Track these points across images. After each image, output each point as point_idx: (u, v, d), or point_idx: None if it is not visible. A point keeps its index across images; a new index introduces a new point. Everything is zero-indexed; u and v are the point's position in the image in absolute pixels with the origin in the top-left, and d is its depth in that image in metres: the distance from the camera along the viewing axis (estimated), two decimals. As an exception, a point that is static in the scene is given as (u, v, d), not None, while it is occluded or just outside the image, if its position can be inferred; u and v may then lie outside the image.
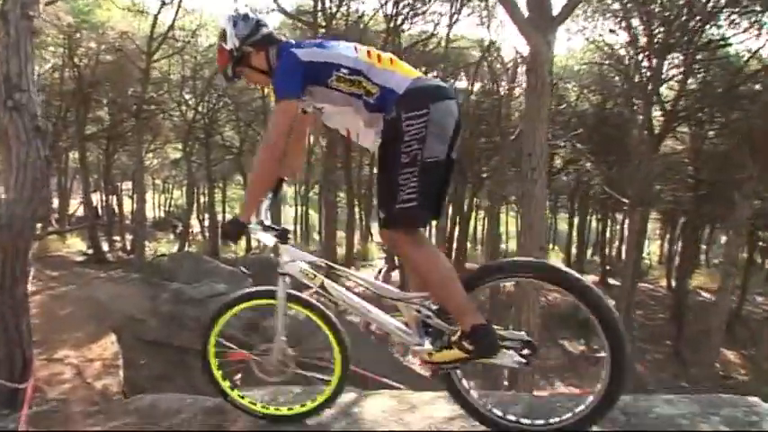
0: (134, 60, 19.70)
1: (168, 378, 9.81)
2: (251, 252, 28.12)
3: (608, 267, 28.60)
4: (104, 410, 4.60)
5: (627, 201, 13.74)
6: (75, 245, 23.97)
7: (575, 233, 33.92)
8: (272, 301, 2.90)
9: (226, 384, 3.09)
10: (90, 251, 21.75)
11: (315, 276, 2.80)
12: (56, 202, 29.48)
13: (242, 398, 3.10)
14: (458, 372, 2.69)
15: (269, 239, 2.85)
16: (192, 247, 25.98)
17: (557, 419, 2.55)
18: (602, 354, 2.44)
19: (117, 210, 29.42)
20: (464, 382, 2.69)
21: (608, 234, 33.69)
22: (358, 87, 2.61)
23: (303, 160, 4.01)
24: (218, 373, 3.10)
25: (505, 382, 10.17)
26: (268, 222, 2.91)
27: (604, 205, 27.72)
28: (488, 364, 2.64)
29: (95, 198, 30.97)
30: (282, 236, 2.84)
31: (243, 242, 32.52)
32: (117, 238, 25.80)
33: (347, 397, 3.34)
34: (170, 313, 11.44)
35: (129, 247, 24.71)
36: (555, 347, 17.67)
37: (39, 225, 23.78)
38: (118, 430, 4.08)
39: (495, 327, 2.53)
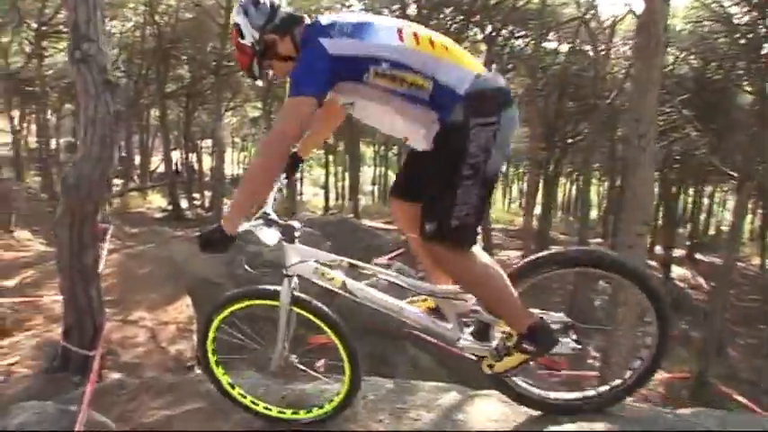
0: (213, 16, 19.39)
1: (242, 346, 9.55)
2: (331, 213, 28.00)
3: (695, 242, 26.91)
4: (174, 388, 4.28)
5: (735, 174, 12.50)
6: (156, 201, 24.31)
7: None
8: (274, 303, 2.72)
9: (226, 380, 3.02)
10: (169, 208, 21.92)
11: (333, 277, 2.63)
12: (137, 159, 30.17)
13: (244, 397, 3.04)
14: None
15: (271, 237, 2.55)
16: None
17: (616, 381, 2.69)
18: (650, 328, 2.59)
19: (196, 167, 29.65)
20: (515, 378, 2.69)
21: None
22: (402, 83, 2.34)
23: (331, 134, 3.82)
24: (218, 371, 3.00)
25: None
26: (273, 215, 2.61)
27: (698, 177, 25.82)
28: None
29: (175, 155, 31.43)
30: (288, 233, 2.61)
31: (319, 201, 32.90)
32: (196, 195, 25.95)
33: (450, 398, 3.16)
34: (246, 277, 11.20)
35: (207, 205, 24.85)
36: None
37: (120, 182, 24.76)
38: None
39: (537, 312, 2.55)
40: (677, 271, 21.14)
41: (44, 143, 22.56)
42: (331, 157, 32.21)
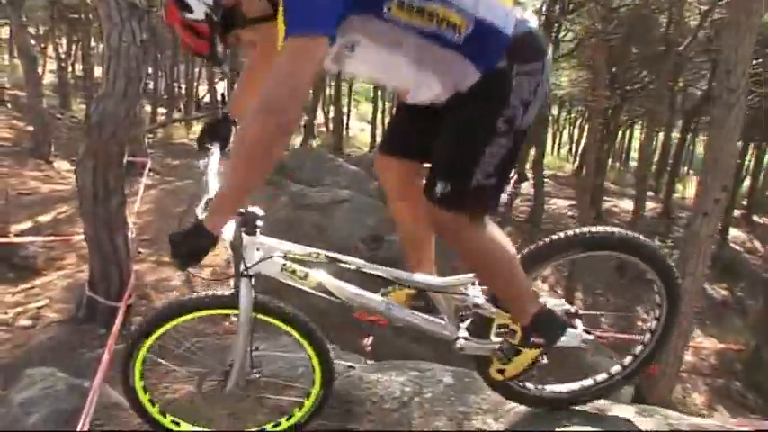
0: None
1: (281, 293, 9.20)
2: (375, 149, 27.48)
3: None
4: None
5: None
6: (200, 131, 23.94)
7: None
8: (232, 311, 2.24)
9: (155, 411, 2.45)
10: (213, 139, 21.54)
11: (306, 275, 2.16)
12: (183, 89, 29.87)
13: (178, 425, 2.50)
14: None
15: (227, 229, 1.94)
16: (317, 140, 25.42)
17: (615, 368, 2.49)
18: (658, 312, 2.37)
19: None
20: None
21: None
22: (431, 19, 1.76)
23: None
24: (145, 398, 2.41)
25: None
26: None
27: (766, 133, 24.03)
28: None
29: (222, 85, 30.98)
30: (249, 223, 2.03)
31: (366, 137, 32.36)
32: (241, 125, 25.49)
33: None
34: (288, 219, 10.80)
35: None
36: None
37: (164, 111, 24.44)
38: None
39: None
40: (732, 233, 20.03)
41: (89, 71, 22.20)
42: (379, 92, 31.32)
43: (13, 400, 3.13)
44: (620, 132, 31.00)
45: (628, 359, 2.49)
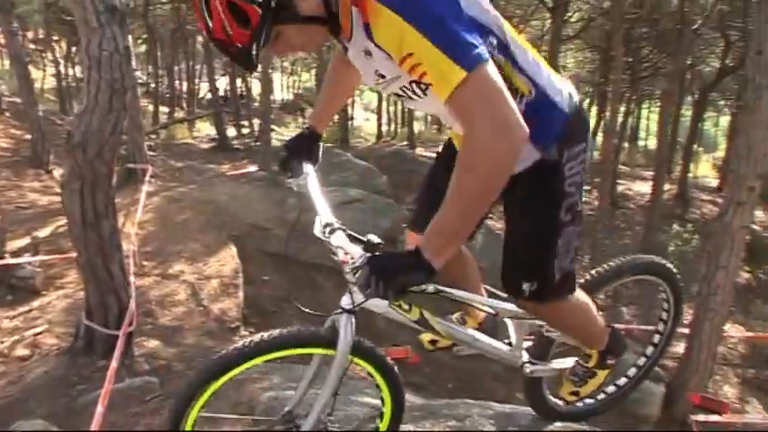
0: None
1: (294, 298, 8.88)
2: (383, 141, 27.00)
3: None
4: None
5: None
6: (204, 129, 23.56)
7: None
8: (329, 352, 1.95)
9: None
10: (217, 137, 21.13)
11: (410, 308, 2.03)
12: (184, 87, 29.50)
13: None
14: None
15: (355, 255, 1.73)
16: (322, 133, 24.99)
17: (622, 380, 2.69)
18: (663, 327, 2.69)
19: (244, 93, 28.75)
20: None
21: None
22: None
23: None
24: None
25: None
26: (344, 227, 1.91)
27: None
28: None
29: (224, 82, 30.64)
30: (372, 250, 1.71)
31: (373, 128, 31.90)
32: (245, 123, 25.08)
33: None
34: (298, 221, 10.44)
35: (257, 133, 23.97)
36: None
37: (166, 111, 24.06)
38: None
39: None
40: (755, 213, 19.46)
41: (88, 73, 21.80)
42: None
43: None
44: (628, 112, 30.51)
45: (633, 371, 2.73)
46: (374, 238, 1.71)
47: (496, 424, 2.58)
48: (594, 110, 24.72)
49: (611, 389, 2.67)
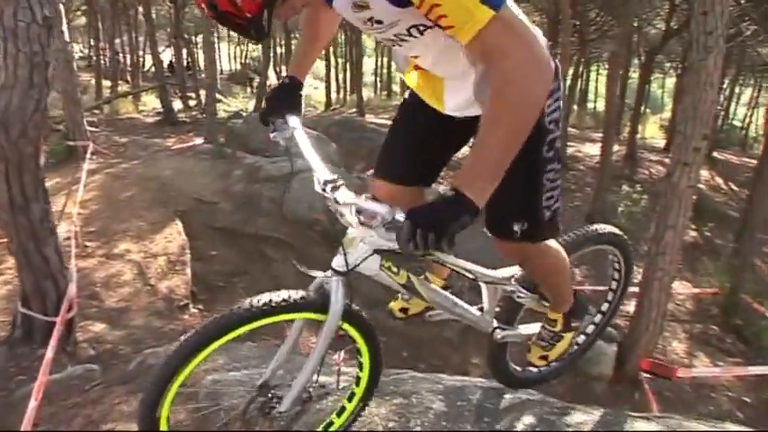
0: None
1: (243, 272, 8.73)
2: (333, 109, 26.65)
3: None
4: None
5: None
6: (150, 103, 22.84)
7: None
8: (317, 317, 1.87)
9: None
10: (162, 110, 20.53)
11: (398, 271, 2.02)
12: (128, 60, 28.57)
13: None
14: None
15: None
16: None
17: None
18: (615, 285, 2.85)
19: (190, 65, 27.99)
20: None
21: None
22: None
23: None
24: None
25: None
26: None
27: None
28: None
29: (169, 53, 29.77)
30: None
31: (322, 96, 31.54)
32: (192, 95, 24.42)
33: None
34: (244, 194, 10.24)
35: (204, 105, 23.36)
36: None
37: (109, 85, 23.28)
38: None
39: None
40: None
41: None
42: (331, 49, 30.43)
43: None
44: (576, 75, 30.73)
45: (598, 317, 2.88)
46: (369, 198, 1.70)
47: (445, 399, 2.52)
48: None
49: (581, 338, 2.81)
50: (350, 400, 2.25)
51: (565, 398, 7.23)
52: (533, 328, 2.54)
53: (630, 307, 8.85)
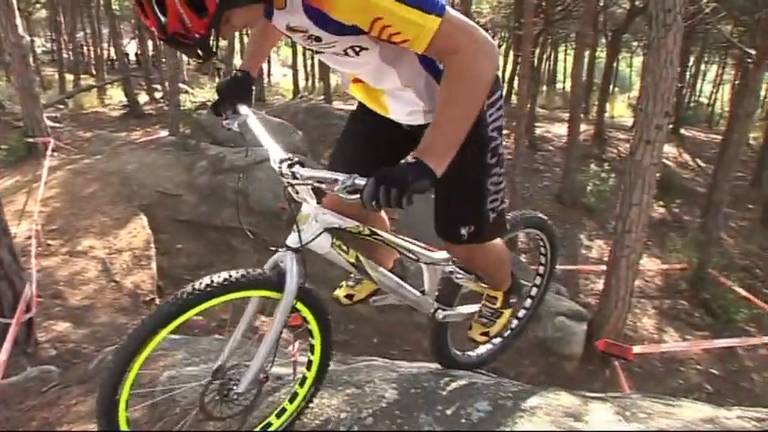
0: None
1: (209, 264, 8.64)
2: (300, 97, 26.38)
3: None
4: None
5: (753, 52, 11.19)
6: (116, 96, 22.45)
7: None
8: (275, 295, 1.89)
9: None
10: (127, 103, 20.20)
11: (348, 250, 2.13)
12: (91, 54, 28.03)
13: None
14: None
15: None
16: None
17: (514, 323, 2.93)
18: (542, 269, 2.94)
19: (156, 56, 27.54)
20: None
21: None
22: None
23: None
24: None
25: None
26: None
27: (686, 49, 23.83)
28: None
29: (133, 46, 29.29)
30: (317, 190, 1.88)
31: (290, 84, 31.29)
32: (157, 87, 24.04)
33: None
34: (209, 185, 10.12)
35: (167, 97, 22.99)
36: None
37: (72, 79, 22.83)
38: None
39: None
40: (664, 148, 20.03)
41: None
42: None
43: None
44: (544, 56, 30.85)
45: (522, 312, 2.97)
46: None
47: (398, 387, 2.49)
48: (512, 55, 24.86)
49: (497, 340, 2.90)
50: (301, 385, 2.23)
51: (537, 378, 7.36)
52: (472, 308, 2.66)
53: (600, 285, 8.96)
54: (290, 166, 1.88)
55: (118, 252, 7.68)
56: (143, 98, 21.63)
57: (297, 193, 1.92)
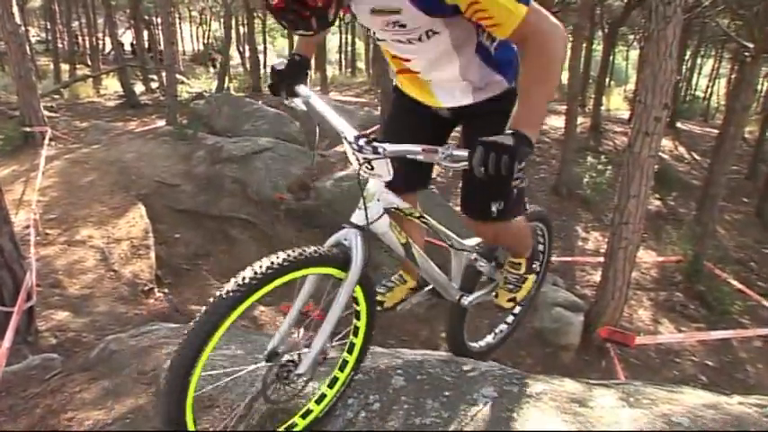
0: None
1: (208, 254, 8.66)
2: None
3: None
4: (116, 362, 3.38)
5: (751, 46, 11.19)
6: (112, 86, 22.38)
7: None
8: (336, 273, 1.89)
9: None
10: (123, 93, 20.13)
11: (401, 231, 2.23)
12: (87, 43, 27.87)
13: None
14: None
15: (389, 168, 1.91)
16: (234, 82, 24.12)
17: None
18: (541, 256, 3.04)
19: (149, 46, 27.43)
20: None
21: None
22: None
23: None
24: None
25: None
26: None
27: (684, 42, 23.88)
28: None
29: (129, 36, 29.15)
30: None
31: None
32: (154, 77, 23.95)
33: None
34: (207, 175, 10.12)
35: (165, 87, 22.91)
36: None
37: (67, 69, 22.71)
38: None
39: None
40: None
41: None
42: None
43: None
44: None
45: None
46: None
47: (404, 374, 2.51)
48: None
49: (500, 327, 3.10)
50: (342, 369, 2.23)
51: (534, 368, 7.38)
52: (488, 289, 2.80)
53: (597, 276, 8.98)
54: (369, 142, 1.92)
55: (116, 241, 7.68)
56: (139, 88, 21.51)
57: (372, 168, 1.94)
